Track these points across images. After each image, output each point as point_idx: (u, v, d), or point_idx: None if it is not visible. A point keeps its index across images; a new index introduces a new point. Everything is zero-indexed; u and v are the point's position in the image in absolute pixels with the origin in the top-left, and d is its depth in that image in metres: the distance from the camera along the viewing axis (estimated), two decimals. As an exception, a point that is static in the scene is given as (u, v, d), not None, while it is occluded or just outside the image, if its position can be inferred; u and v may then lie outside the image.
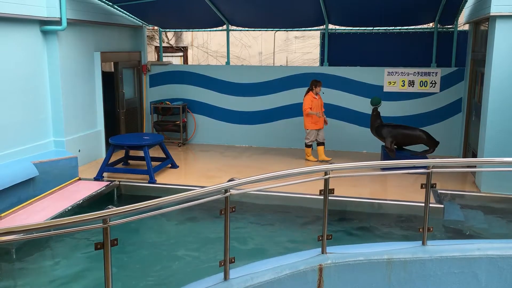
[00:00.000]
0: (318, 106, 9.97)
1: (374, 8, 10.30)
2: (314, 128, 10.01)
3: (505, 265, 4.65)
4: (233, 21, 12.01)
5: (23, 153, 8.30)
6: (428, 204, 4.77)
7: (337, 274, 4.52)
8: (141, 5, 10.50)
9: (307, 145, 10.13)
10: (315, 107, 9.93)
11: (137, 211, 3.52)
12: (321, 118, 9.97)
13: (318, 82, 9.99)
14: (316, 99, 9.96)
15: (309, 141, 10.10)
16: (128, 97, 11.49)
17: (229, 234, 4.07)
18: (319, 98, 10.03)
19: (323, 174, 4.50)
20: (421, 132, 9.35)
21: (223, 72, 11.80)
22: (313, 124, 9.99)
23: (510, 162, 5.64)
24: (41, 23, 8.68)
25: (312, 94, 9.98)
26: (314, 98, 9.94)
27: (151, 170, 8.61)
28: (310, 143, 10.11)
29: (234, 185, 4.03)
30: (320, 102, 10.03)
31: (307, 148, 10.14)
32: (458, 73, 10.47)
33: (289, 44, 17.64)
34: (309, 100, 9.93)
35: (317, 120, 9.96)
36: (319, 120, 9.97)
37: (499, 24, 7.60)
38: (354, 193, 7.82)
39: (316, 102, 9.95)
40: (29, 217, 6.88)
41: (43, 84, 8.89)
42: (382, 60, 11.20)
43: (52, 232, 3.36)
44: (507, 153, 7.48)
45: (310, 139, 10.08)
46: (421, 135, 9.31)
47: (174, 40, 18.09)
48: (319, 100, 10.03)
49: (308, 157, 10.15)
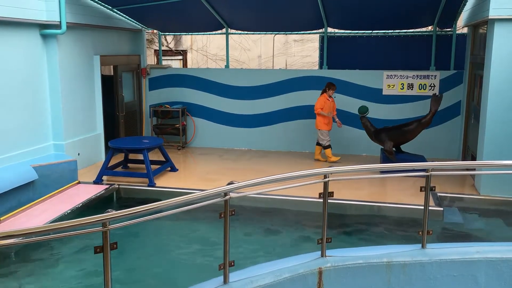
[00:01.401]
0: (330, 108, 10.20)
1: (373, 11, 10.32)
2: (327, 129, 10.22)
3: (504, 267, 4.65)
4: (233, 24, 12.03)
5: (23, 157, 8.30)
6: (428, 207, 4.77)
7: (337, 277, 4.51)
8: (141, 8, 10.52)
9: (326, 146, 10.26)
10: (327, 108, 10.14)
11: (137, 215, 3.52)
12: (331, 120, 10.18)
13: (332, 85, 10.22)
14: (329, 101, 10.18)
15: (326, 142, 10.24)
16: (128, 101, 11.50)
17: (228, 237, 4.07)
18: (332, 101, 10.25)
19: (323, 177, 4.51)
20: (415, 122, 9.44)
21: (222, 76, 11.81)
22: (325, 125, 10.22)
23: (509, 165, 5.64)
24: (41, 26, 8.69)
25: (325, 95, 10.19)
26: (327, 100, 10.16)
27: (151, 174, 8.61)
28: (327, 143, 10.25)
29: (233, 188, 4.03)
30: (332, 104, 10.26)
31: (328, 150, 10.26)
32: (457, 76, 10.49)
33: (288, 48, 17.66)
34: (322, 101, 10.16)
35: (329, 120, 10.20)
36: (330, 121, 10.20)
37: (498, 27, 7.62)
38: (354, 196, 7.83)
39: (328, 104, 10.18)
40: (29, 221, 6.88)
41: (42, 88, 8.90)
42: (381, 63, 11.22)
43: (51, 235, 3.36)
44: (506, 156, 7.49)
45: (327, 139, 10.24)
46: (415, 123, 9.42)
47: (173, 43, 18.10)
48: (332, 102, 10.25)
49: (330, 158, 10.26)
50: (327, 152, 10.29)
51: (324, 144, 10.27)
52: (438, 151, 10.31)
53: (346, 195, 7.70)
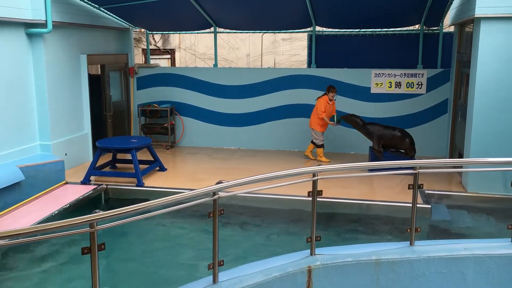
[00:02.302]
0: (330, 111, 10.12)
1: (361, 10, 10.37)
2: (321, 131, 10.19)
3: (491, 264, 4.70)
4: (221, 23, 12.00)
5: (9, 157, 8.20)
6: (416, 204, 4.80)
7: (326, 276, 4.53)
8: (128, 7, 10.44)
9: (319, 145, 10.23)
10: (327, 111, 10.07)
11: (125, 215, 3.49)
12: (327, 123, 10.10)
13: (332, 88, 10.09)
14: (330, 105, 10.09)
15: (319, 141, 10.22)
16: (115, 100, 11.42)
17: (217, 237, 4.06)
18: (332, 104, 10.15)
19: (311, 175, 4.52)
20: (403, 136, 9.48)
21: (211, 74, 11.78)
22: (320, 127, 10.18)
23: (495, 162, 5.71)
24: (26, 25, 8.59)
25: (326, 98, 10.08)
26: (328, 103, 10.07)
27: (139, 173, 8.56)
28: (321, 143, 10.22)
29: (222, 188, 4.02)
30: (332, 108, 10.16)
31: (319, 149, 10.23)
32: (444, 75, 10.58)
33: (276, 46, 17.67)
34: (323, 104, 10.04)
35: (324, 123, 10.13)
36: (326, 124, 10.15)
37: (484, 26, 7.69)
38: (343, 194, 7.86)
39: (329, 107, 10.09)
40: (15, 222, 6.80)
41: (28, 87, 8.79)
42: (369, 61, 11.28)
43: (38, 237, 3.32)
44: (492, 153, 7.57)
45: (321, 139, 10.21)
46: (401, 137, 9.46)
47: (161, 42, 18.01)
48: (332, 105, 10.16)
49: (321, 157, 10.23)
50: (318, 151, 10.27)
51: (317, 143, 10.26)
52: (425, 149, 10.38)
53: (334, 193, 7.72)
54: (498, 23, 7.60)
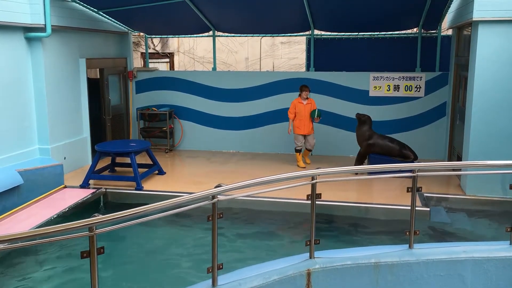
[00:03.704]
0: (303, 111, 9.88)
1: (359, 13, 10.40)
2: (298, 133, 9.99)
3: (490, 267, 4.71)
4: (219, 27, 12.02)
5: (8, 161, 8.20)
6: (414, 207, 4.81)
7: (325, 279, 4.53)
8: (127, 11, 10.46)
9: (296, 150, 10.15)
10: (300, 112, 9.88)
11: (124, 219, 3.49)
12: (305, 124, 9.90)
13: (303, 87, 9.93)
14: (303, 104, 9.88)
15: (296, 146, 10.11)
16: (114, 104, 11.42)
17: (217, 240, 4.06)
18: (309, 103, 9.92)
19: (310, 179, 4.52)
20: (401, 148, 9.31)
21: (209, 78, 11.80)
22: (296, 128, 9.99)
23: (494, 165, 5.71)
24: (25, 29, 8.60)
25: (299, 98, 9.98)
26: (300, 103, 9.91)
27: (138, 177, 8.55)
28: (298, 148, 10.10)
29: (221, 191, 4.03)
30: (307, 107, 9.89)
31: (297, 154, 10.14)
32: (442, 78, 10.60)
33: (275, 50, 17.70)
34: (293, 104, 9.95)
35: (299, 124, 9.93)
36: (303, 125, 9.92)
37: (482, 29, 7.72)
38: (342, 198, 7.85)
39: (301, 107, 9.87)
40: (14, 226, 6.79)
41: (27, 91, 8.80)
42: (368, 65, 11.30)
43: (37, 241, 3.32)
44: (491, 156, 7.57)
45: (297, 144, 10.08)
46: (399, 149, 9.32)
47: (160, 46, 18.04)
48: (309, 105, 9.90)
49: (298, 162, 10.14)
50: (296, 155, 10.15)
51: (295, 147, 10.14)
52: (424, 152, 10.38)
53: (333, 196, 7.72)
54: (496, 27, 7.63)
